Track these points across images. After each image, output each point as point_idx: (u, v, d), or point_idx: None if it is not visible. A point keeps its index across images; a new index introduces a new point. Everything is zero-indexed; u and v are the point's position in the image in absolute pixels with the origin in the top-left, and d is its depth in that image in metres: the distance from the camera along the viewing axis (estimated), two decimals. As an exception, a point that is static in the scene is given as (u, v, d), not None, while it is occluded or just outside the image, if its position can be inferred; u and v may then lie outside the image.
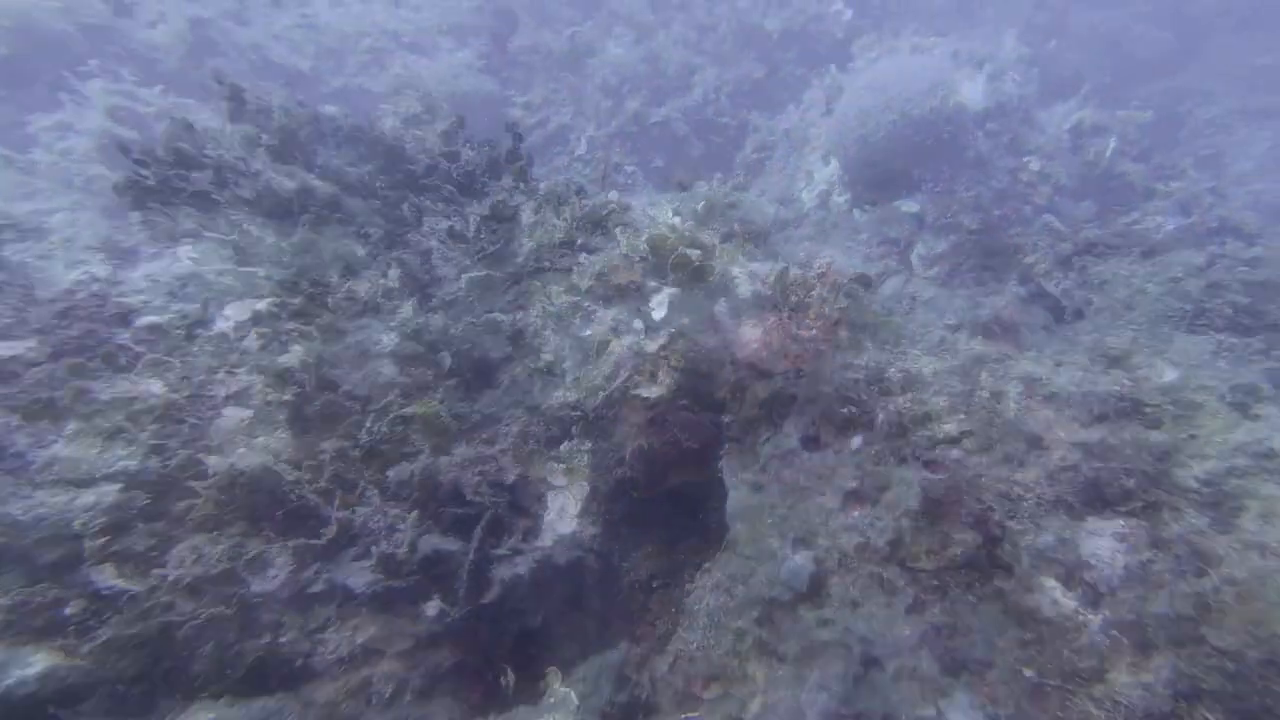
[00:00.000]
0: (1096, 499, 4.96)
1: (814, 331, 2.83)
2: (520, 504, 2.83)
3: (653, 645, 2.92)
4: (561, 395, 2.77)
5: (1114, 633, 3.79)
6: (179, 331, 3.79)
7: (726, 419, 3.37)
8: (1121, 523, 4.75)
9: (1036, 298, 5.41)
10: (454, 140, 5.40)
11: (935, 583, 3.23)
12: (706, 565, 2.96)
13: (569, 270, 3.43)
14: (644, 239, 2.88)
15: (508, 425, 3.19)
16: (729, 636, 2.89)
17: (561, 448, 2.69)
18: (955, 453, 5.10)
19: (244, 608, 2.32)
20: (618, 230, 3.06)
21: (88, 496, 2.38)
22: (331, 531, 2.39)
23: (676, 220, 3.29)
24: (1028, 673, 3.46)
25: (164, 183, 4.36)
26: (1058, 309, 5.35)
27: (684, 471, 2.75)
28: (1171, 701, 3.27)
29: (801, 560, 3.25)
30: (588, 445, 2.69)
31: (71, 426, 2.80)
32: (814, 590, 3.27)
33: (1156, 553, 4.03)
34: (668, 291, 2.81)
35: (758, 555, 3.19)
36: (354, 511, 2.51)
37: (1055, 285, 5.45)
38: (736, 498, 3.15)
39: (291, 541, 2.29)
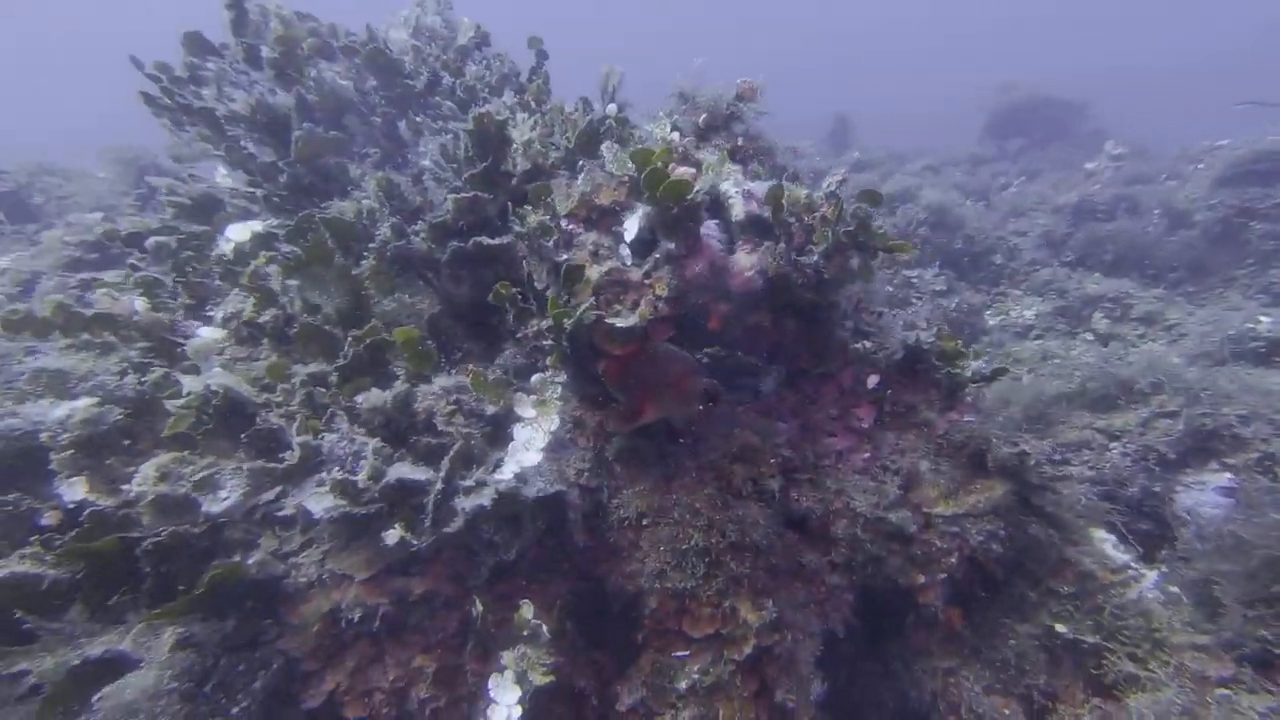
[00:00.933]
0: (1200, 448, 4.54)
1: (816, 257, 2.53)
2: (501, 436, 2.71)
3: (639, 583, 2.80)
4: (536, 324, 2.58)
5: (1172, 589, 3.47)
6: (189, 253, 3.75)
7: (725, 353, 3.14)
8: (1229, 476, 4.33)
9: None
10: (469, 56, 5.11)
11: (954, 529, 2.99)
12: (698, 505, 2.80)
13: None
14: (628, 155, 2.60)
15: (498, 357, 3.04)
16: (721, 576, 2.74)
17: (533, 379, 2.52)
18: (990, 393, 4.73)
19: (212, 528, 2.29)
20: (604, 146, 2.78)
21: (61, 410, 2.36)
22: (294, 456, 2.31)
23: (675, 136, 2.97)
24: (1060, 629, 3.22)
25: (173, 98, 4.26)
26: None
27: (661, 405, 2.55)
28: (1234, 666, 2.98)
29: (807, 504, 3.05)
30: (561, 377, 2.51)
31: (59, 341, 2.80)
32: (819, 534, 3.08)
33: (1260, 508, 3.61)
34: (641, 210, 2.54)
35: (759, 495, 3.01)
36: (321, 437, 2.42)
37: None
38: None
39: (247, 464, 2.22)
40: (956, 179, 11.79)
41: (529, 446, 2.35)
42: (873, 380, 3.02)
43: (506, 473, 2.27)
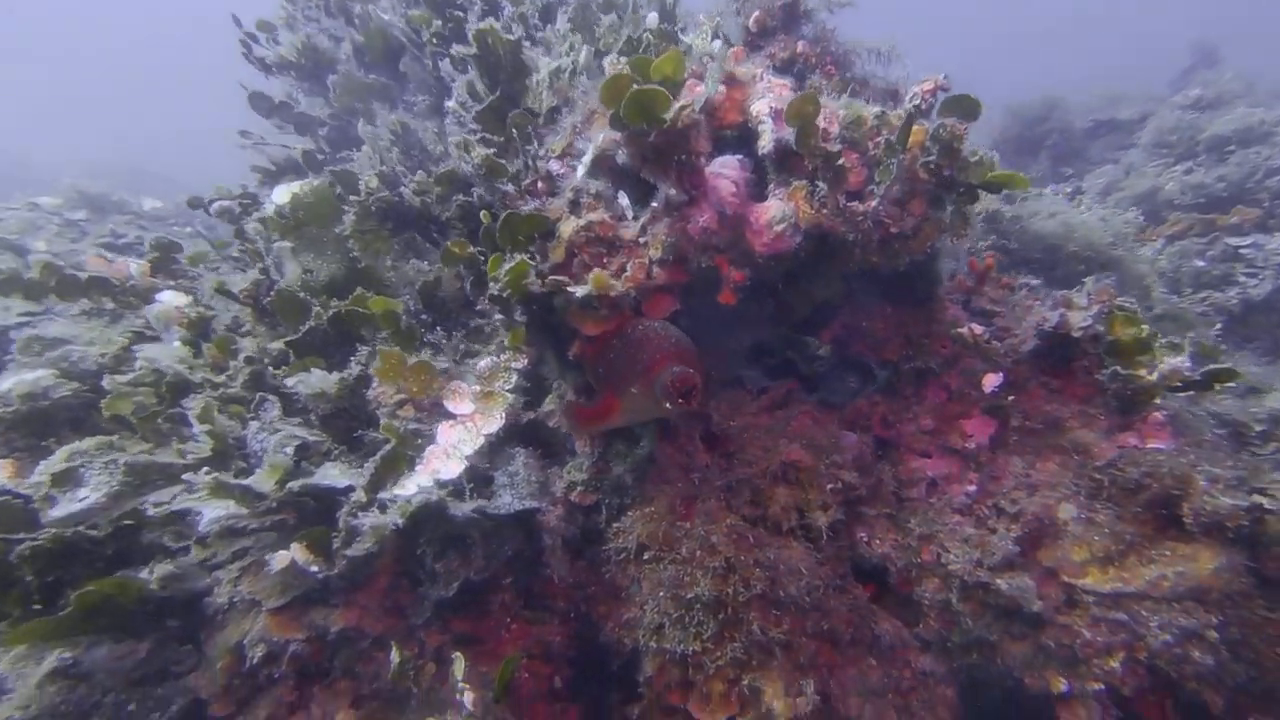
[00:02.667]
0: None
1: (875, 202, 1.62)
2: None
3: (636, 637, 2.14)
4: (494, 290, 1.96)
5: None
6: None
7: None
8: None
9: None
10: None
11: (1117, 616, 1.97)
12: (714, 539, 2.06)
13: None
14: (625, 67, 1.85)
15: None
16: (739, 641, 2.00)
17: (481, 364, 1.93)
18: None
19: (120, 531, 1.99)
20: (606, 61, 2.07)
21: (6, 383, 2.19)
22: (205, 449, 1.94)
23: (715, 45, 2.16)
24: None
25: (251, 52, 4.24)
26: None
27: (630, 402, 1.83)
28: None
29: (882, 550, 2.19)
30: (519, 362, 1.88)
31: (74, 308, 2.69)
32: (902, 596, 2.21)
33: None
34: (604, 136, 1.80)
35: (806, 531, 2.20)
36: (245, 426, 2.03)
37: None
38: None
39: (126, 458, 1.88)
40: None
41: (453, 453, 1.77)
42: (992, 381, 2.05)
43: (410, 486, 1.71)
